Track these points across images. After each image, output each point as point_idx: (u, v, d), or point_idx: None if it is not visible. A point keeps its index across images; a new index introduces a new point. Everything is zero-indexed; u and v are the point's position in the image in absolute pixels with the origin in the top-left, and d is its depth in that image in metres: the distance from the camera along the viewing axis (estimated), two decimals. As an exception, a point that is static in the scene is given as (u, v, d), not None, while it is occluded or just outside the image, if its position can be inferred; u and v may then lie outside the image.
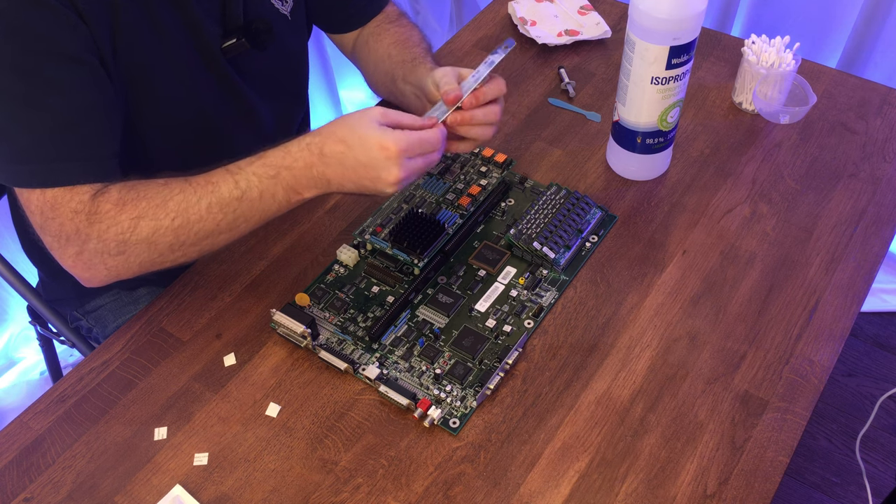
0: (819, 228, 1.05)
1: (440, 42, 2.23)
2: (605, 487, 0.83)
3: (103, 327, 1.21)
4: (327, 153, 0.87)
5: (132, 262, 0.90)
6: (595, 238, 1.04)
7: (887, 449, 1.71)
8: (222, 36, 1.01)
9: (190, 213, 0.88)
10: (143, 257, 0.89)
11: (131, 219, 0.87)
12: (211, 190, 0.88)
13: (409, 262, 0.99)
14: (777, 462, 0.84)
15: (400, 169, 0.85)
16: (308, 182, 0.89)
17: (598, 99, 1.24)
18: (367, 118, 0.86)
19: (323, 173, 0.88)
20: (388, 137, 0.85)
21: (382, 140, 0.85)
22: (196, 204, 0.88)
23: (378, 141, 0.85)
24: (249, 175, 0.89)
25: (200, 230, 0.89)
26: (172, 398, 0.91)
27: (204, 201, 0.88)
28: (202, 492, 0.83)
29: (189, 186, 0.89)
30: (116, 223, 0.87)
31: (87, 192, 0.87)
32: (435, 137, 0.88)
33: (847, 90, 1.24)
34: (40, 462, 0.87)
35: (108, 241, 0.88)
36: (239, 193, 0.88)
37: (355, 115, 0.88)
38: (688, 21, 0.95)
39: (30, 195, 0.88)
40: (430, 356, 0.92)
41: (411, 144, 0.86)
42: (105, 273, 0.91)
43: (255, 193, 0.89)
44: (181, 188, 0.89)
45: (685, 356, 0.93)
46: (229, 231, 0.91)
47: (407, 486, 0.83)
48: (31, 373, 1.82)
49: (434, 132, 0.88)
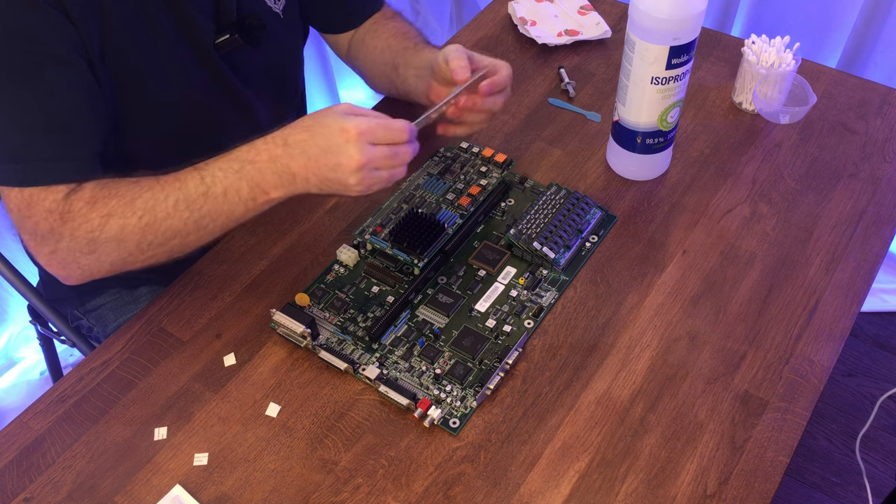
0: (819, 228, 1.05)
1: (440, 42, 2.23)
2: (605, 487, 0.83)
3: (104, 326, 1.21)
4: (291, 143, 0.87)
5: (103, 260, 0.90)
6: (595, 238, 1.04)
7: (887, 449, 1.71)
8: (216, 32, 1.01)
9: (157, 211, 0.88)
10: (113, 256, 0.90)
11: (101, 217, 0.87)
12: (178, 187, 0.88)
13: (409, 262, 0.99)
14: (777, 462, 0.84)
15: (361, 153, 0.84)
16: (273, 178, 0.88)
17: (598, 99, 1.24)
18: (333, 109, 0.87)
19: (287, 166, 0.87)
20: (349, 121, 0.85)
21: (343, 123, 0.84)
22: (164, 201, 0.88)
23: (339, 125, 0.85)
24: (215, 170, 0.88)
25: (168, 229, 0.88)
26: (172, 398, 0.91)
27: (171, 198, 0.88)
28: (202, 492, 0.83)
29: (157, 184, 0.88)
30: (87, 221, 0.87)
31: (62, 191, 0.88)
32: (399, 125, 0.87)
33: (847, 90, 1.24)
34: (40, 462, 0.87)
35: (80, 240, 0.88)
36: (204, 189, 0.88)
37: (323, 109, 0.88)
38: (688, 21, 0.95)
39: (9, 192, 0.88)
40: (430, 356, 0.92)
41: (372, 128, 0.85)
42: (79, 272, 0.92)
43: (220, 189, 0.88)
44: (150, 185, 0.88)
45: (685, 356, 0.93)
46: (197, 231, 0.90)
47: (407, 486, 0.83)
48: (31, 373, 1.82)
49: (399, 121, 0.87)
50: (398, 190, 1.09)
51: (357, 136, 0.84)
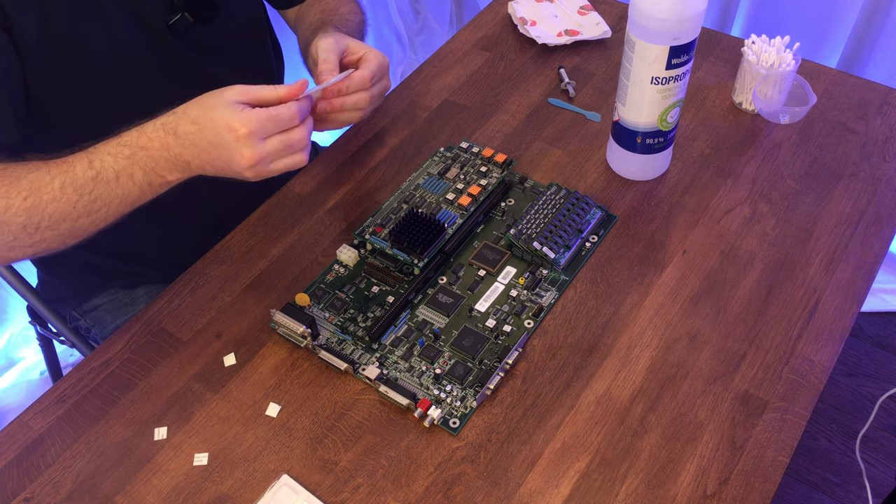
0: (819, 228, 1.05)
1: (440, 42, 2.23)
2: (605, 487, 0.83)
3: (102, 327, 1.21)
4: (181, 133, 0.84)
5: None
6: (595, 238, 1.04)
7: (887, 449, 1.71)
8: (169, 12, 0.98)
9: (42, 193, 0.85)
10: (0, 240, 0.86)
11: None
12: (65, 169, 0.85)
13: (409, 262, 0.99)
14: (777, 462, 0.84)
15: (252, 151, 0.82)
16: (167, 164, 0.86)
17: (598, 99, 1.24)
18: (222, 97, 0.83)
19: (180, 154, 0.85)
20: (236, 119, 0.81)
21: (230, 121, 0.81)
22: (49, 183, 0.85)
23: (226, 122, 0.81)
24: (104, 155, 0.85)
25: (55, 212, 0.85)
26: (172, 398, 0.91)
27: (57, 181, 0.85)
28: (202, 492, 0.83)
29: (45, 165, 0.86)
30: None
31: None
32: (288, 113, 0.83)
33: (847, 90, 1.24)
34: (40, 462, 0.87)
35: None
36: (93, 174, 0.85)
37: (213, 93, 0.84)
38: (688, 21, 0.95)
39: None
40: (430, 356, 0.92)
41: (262, 124, 0.82)
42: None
43: (111, 174, 0.85)
44: (36, 167, 0.86)
45: (685, 356, 0.93)
46: (89, 215, 0.87)
47: (407, 486, 0.83)
48: (31, 373, 1.82)
49: (288, 107, 0.83)
50: (398, 190, 1.09)
51: (246, 136, 0.81)
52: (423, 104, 1.24)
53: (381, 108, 1.24)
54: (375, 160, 1.16)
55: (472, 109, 1.23)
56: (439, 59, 1.32)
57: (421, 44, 2.37)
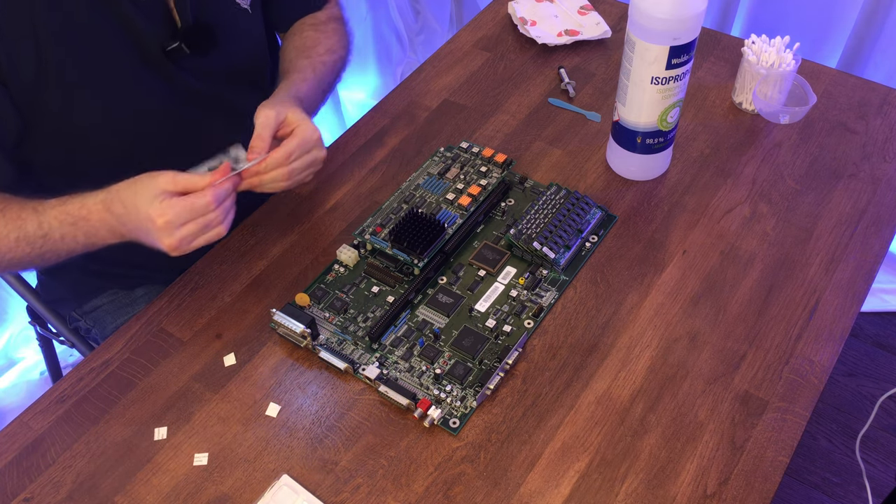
0: (819, 228, 1.05)
1: (440, 42, 2.23)
2: (605, 487, 0.83)
3: (102, 328, 1.21)
4: (113, 212, 0.92)
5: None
6: (595, 238, 1.04)
7: (887, 449, 1.71)
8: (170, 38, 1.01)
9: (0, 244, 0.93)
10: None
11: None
12: (19, 225, 0.93)
13: (409, 262, 0.99)
14: (777, 462, 0.84)
15: (171, 238, 0.88)
16: (106, 233, 0.93)
17: (598, 99, 1.24)
18: (150, 186, 0.89)
19: (115, 227, 0.93)
20: (154, 210, 0.87)
21: (150, 211, 0.87)
22: (6, 236, 0.93)
23: (146, 212, 0.88)
24: (51, 219, 0.93)
25: (12, 258, 0.94)
26: (172, 398, 0.91)
27: (13, 235, 0.93)
28: (202, 492, 0.83)
29: (2, 217, 0.93)
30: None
31: None
32: (203, 202, 0.88)
33: (847, 90, 1.24)
34: (40, 462, 0.87)
35: None
36: (42, 233, 0.93)
37: (144, 179, 0.90)
38: (688, 21, 0.95)
39: None
40: (430, 356, 0.92)
41: (178, 214, 0.87)
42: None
43: (57, 235, 0.93)
44: None
45: (685, 356, 0.93)
46: (42, 262, 0.96)
47: (407, 486, 0.83)
48: (31, 373, 1.82)
49: (202, 197, 0.88)
50: (398, 190, 1.09)
51: (163, 225, 0.87)
52: (423, 104, 1.24)
53: (381, 108, 1.24)
54: (375, 160, 1.16)
55: (472, 109, 1.23)
56: (439, 59, 1.32)
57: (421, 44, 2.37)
